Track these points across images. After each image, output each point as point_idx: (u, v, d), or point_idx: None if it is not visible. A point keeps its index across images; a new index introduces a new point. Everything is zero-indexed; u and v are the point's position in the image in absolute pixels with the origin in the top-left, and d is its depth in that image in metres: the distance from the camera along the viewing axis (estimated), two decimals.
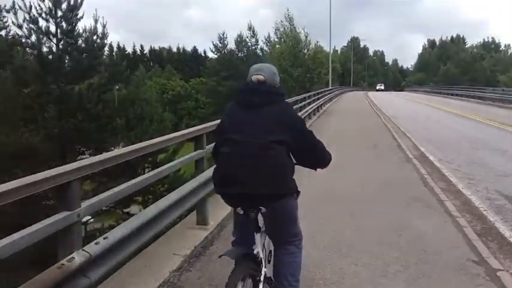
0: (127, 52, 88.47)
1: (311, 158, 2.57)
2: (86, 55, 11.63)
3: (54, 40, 11.34)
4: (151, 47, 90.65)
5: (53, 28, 11.23)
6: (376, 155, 9.45)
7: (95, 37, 11.74)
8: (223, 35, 45.73)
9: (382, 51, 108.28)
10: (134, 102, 12.31)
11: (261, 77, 2.51)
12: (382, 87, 75.45)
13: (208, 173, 4.61)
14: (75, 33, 11.55)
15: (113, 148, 11.69)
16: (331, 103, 28.42)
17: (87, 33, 11.73)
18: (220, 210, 5.18)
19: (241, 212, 2.35)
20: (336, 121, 17.60)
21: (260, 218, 2.40)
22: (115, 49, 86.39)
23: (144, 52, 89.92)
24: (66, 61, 11.57)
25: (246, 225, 2.41)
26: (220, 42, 45.69)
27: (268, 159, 2.28)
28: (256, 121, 2.34)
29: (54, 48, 11.26)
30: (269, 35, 28.88)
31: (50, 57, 10.96)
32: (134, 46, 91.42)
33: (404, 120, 17.72)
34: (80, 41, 11.75)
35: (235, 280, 2.08)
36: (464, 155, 9.70)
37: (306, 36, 25.96)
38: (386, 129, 14.56)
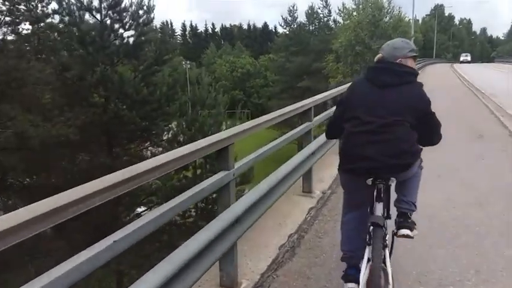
0: (199, 31, 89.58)
1: (426, 137, 2.59)
2: (133, 32, 10.36)
3: (98, 16, 10.19)
4: (222, 25, 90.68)
5: (96, 2, 10.09)
6: (484, 150, 7.10)
7: (141, 11, 10.39)
8: (293, 7, 43.08)
9: (469, 19, 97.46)
10: (189, 84, 10.89)
11: (379, 55, 2.61)
12: (468, 58, 62.32)
13: (239, 207, 2.91)
14: (121, 8, 10.27)
15: (162, 137, 10.46)
16: None
17: (134, 7, 10.42)
18: (258, 259, 3.48)
19: (370, 184, 2.42)
20: None
21: (384, 188, 2.46)
22: (188, 29, 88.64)
23: (216, 30, 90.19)
24: (112, 39, 10.36)
25: (367, 197, 2.47)
26: (290, 16, 43.14)
27: (395, 134, 2.37)
28: (386, 101, 2.42)
29: (97, 25, 10.11)
30: (343, 4, 26.02)
31: (93, 34, 9.79)
32: (206, 24, 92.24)
33: (508, 99, 14.51)
34: (126, 18, 10.47)
35: (379, 244, 2.26)
36: None
37: (389, 2, 22.79)
38: (488, 111, 11.77)
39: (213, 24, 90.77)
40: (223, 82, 62.54)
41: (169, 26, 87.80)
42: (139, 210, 10.75)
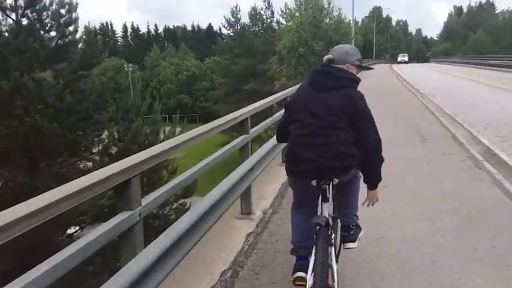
0: (141, 32, 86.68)
1: (362, 141, 2.55)
2: (54, 34, 9.31)
3: (13, 16, 9.04)
4: (165, 26, 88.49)
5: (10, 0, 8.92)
6: (428, 154, 6.95)
7: (62, 10, 9.36)
8: (236, 8, 42.55)
9: (406, 20, 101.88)
10: (118, 91, 9.98)
11: (329, 56, 2.66)
12: (406, 59, 63.04)
13: (148, 256, 2.29)
14: (40, 6, 9.18)
15: (92, 150, 9.53)
16: None
17: (55, 6, 9.35)
18: None
19: (315, 185, 2.48)
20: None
21: (328, 188, 2.51)
22: (129, 30, 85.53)
23: (159, 31, 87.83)
24: (31, 42, 9.23)
25: (314, 197, 2.58)
26: (233, 17, 42.63)
27: (334, 137, 2.46)
28: (326, 104, 2.49)
29: (12, 26, 8.95)
30: (285, 4, 25.86)
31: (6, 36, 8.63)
32: (148, 26, 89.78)
33: (446, 99, 14.94)
34: (47, 18, 9.39)
35: (323, 243, 2.31)
36: None
37: (329, 3, 22.89)
38: (428, 112, 11.92)
39: (155, 26, 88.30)
40: (169, 85, 61.00)
41: (109, 27, 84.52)
42: (69, 231, 9.74)
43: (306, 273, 2.42)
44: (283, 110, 3.26)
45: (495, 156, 6.78)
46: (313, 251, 2.37)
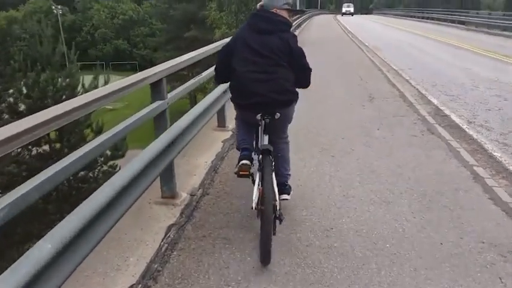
0: None
1: (299, 79, 2.93)
2: None
3: None
4: None
5: None
6: (377, 117, 6.35)
7: None
8: None
9: None
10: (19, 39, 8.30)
11: (260, 3, 2.93)
12: (351, 10, 58.92)
13: None
14: None
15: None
16: (300, 30, 24.58)
17: None
18: None
19: (259, 118, 2.82)
20: (310, 58, 14.08)
21: (271, 121, 2.83)
22: None
23: None
24: None
25: (255, 130, 3.06)
26: None
27: (278, 73, 2.78)
28: (265, 45, 2.77)
29: None
30: None
31: None
32: None
33: (391, 53, 14.57)
34: None
35: (268, 168, 2.68)
36: (496, 110, 6.89)
37: None
38: (375, 67, 11.36)
39: None
40: (103, 30, 56.42)
41: None
42: None
43: (250, 161, 2.87)
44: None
45: (446, 118, 6.36)
46: (258, 177, 2.75)
